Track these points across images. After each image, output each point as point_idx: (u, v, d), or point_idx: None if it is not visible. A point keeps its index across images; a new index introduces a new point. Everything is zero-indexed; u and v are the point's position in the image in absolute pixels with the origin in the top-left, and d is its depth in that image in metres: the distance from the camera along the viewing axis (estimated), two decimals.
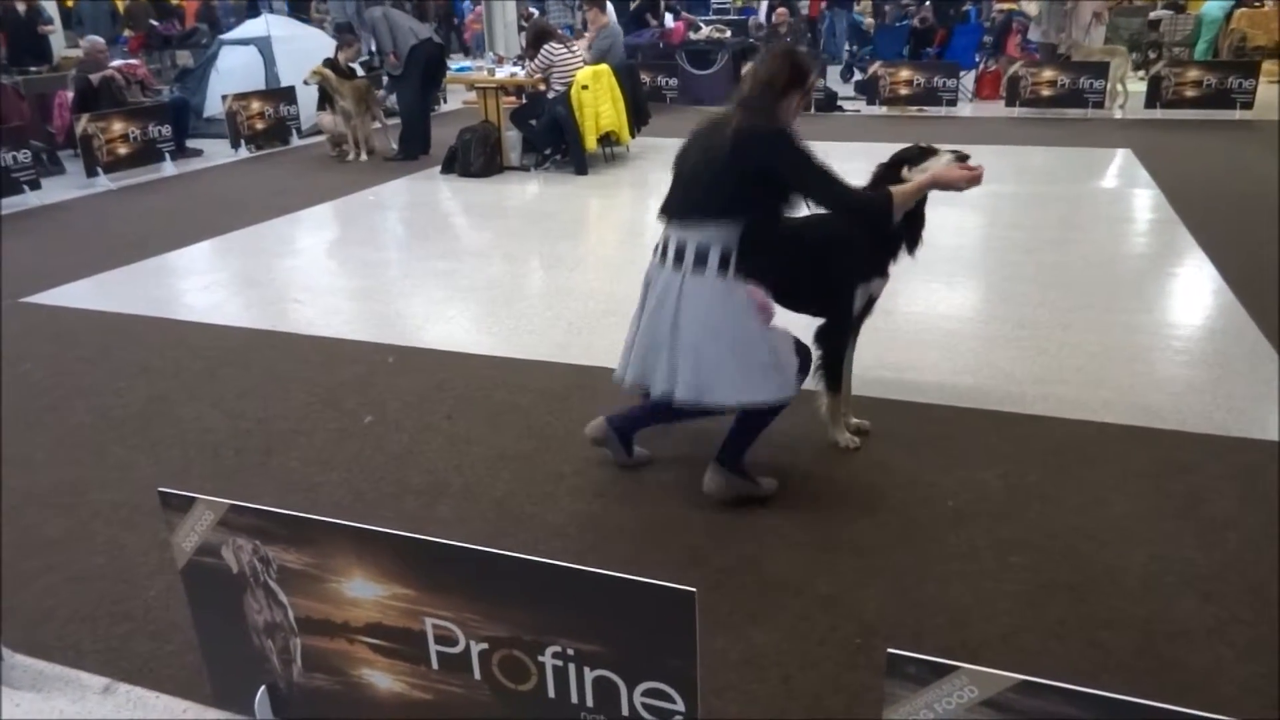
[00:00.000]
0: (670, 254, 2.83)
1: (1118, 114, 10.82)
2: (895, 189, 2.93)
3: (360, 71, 9.46)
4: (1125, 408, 3.59)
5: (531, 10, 21.88)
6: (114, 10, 14.96)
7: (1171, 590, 2.52)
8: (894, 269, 3.23)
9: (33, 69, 9.89)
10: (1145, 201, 6.90)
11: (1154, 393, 3.73)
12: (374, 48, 9.81)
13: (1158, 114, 10.61)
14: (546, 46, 8.05)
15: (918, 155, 3.06)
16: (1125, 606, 2.47)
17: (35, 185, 7.67)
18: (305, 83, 8.96)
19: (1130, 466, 3.17)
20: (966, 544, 2.76)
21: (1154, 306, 4.77)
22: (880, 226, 2.93)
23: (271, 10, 14.86)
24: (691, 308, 2.77)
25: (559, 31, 8.59)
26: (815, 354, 3.26)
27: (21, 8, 9.99)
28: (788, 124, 2.83)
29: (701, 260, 2.76)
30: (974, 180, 2.90)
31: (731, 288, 2.78)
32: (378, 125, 9.63)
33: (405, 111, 9.10)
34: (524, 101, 8.68)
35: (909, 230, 3.14)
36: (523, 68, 8.88)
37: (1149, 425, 3.44)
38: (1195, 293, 4.93)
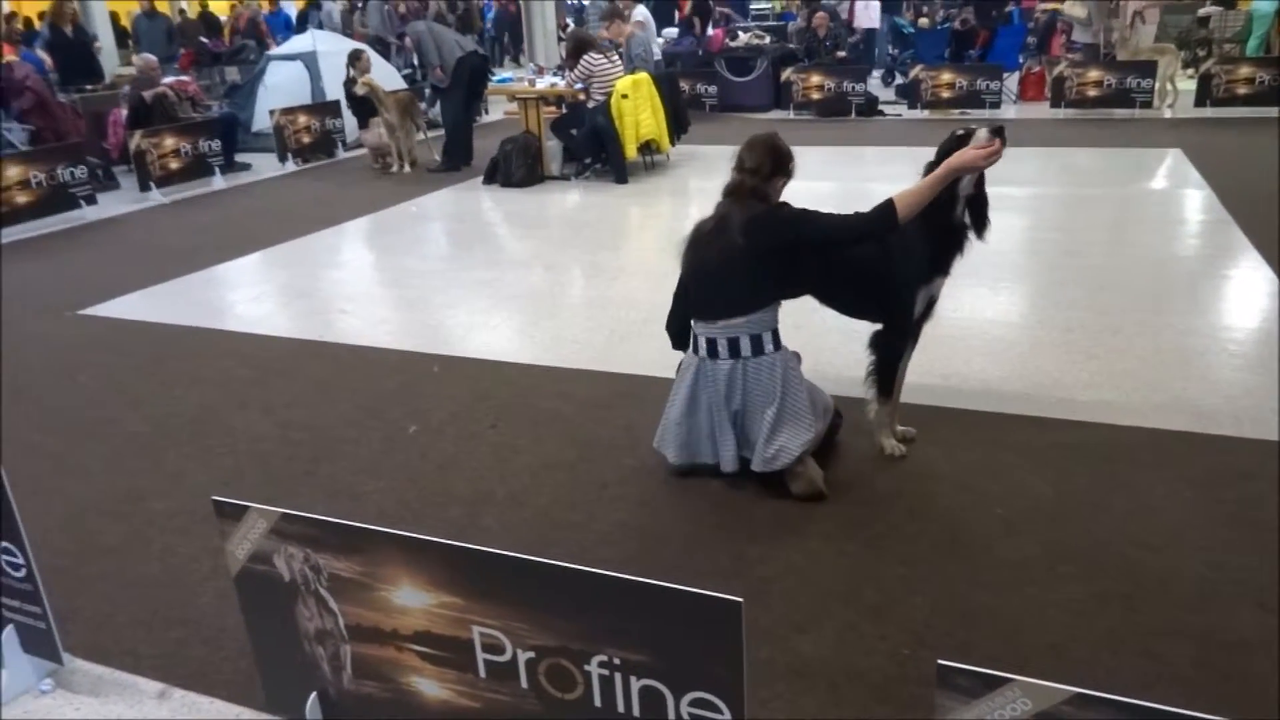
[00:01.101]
0: (723, 349, 3.00)
1: (1167, 113, 10.61)
2: (902, 191, 2.93)
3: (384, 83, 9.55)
4: (1178, 413, 3.51)
5: (568, 20, 22.07)
6: (170, 29, 15.33)
7: (1227, 599, 2.46)
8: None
9: (87, 87, 10.15)
10: (1197, 202, 6.76)
11: (1208, 397, 3.64)
12: (415, 60, 9.89)
13: (1208, 112, 10.39)
14: (586, 57, 8.10)
15: (956, 144, 3.02)
16: (1180, 616, 2.41)
17: (91, 200, 7.88)
18: (356, 92, 9.11)
19: (1184, 473, 3.10)
20: (1016, 552, 2.72)
21: (1207, 309, 4.66)
22: (888, 232, 2.95)
23: (320, 26, 15.13)
24: (758, 385, 3.01)
25: (598, 42, 8.64)
26: (869, 360, 3.26)
27: (68, 29, 10.26)
28: (775, 200, 3.06)
29: (759, 347, 2.99)
30: (992, 156, 2.86)
31: (786, 357, 3.05)
32: (420, 137, 9.75)
33: (449, 123, 9.20)
34: (564, 111, 8.74)
35: (974, 217, 3.11)
36: (563, 78, 8.94)
37: (1203, 430, 3.37)
38: (1250, 294, 4.82)
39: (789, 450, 2.97)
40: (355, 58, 9.35)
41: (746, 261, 2.95)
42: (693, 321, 3.12)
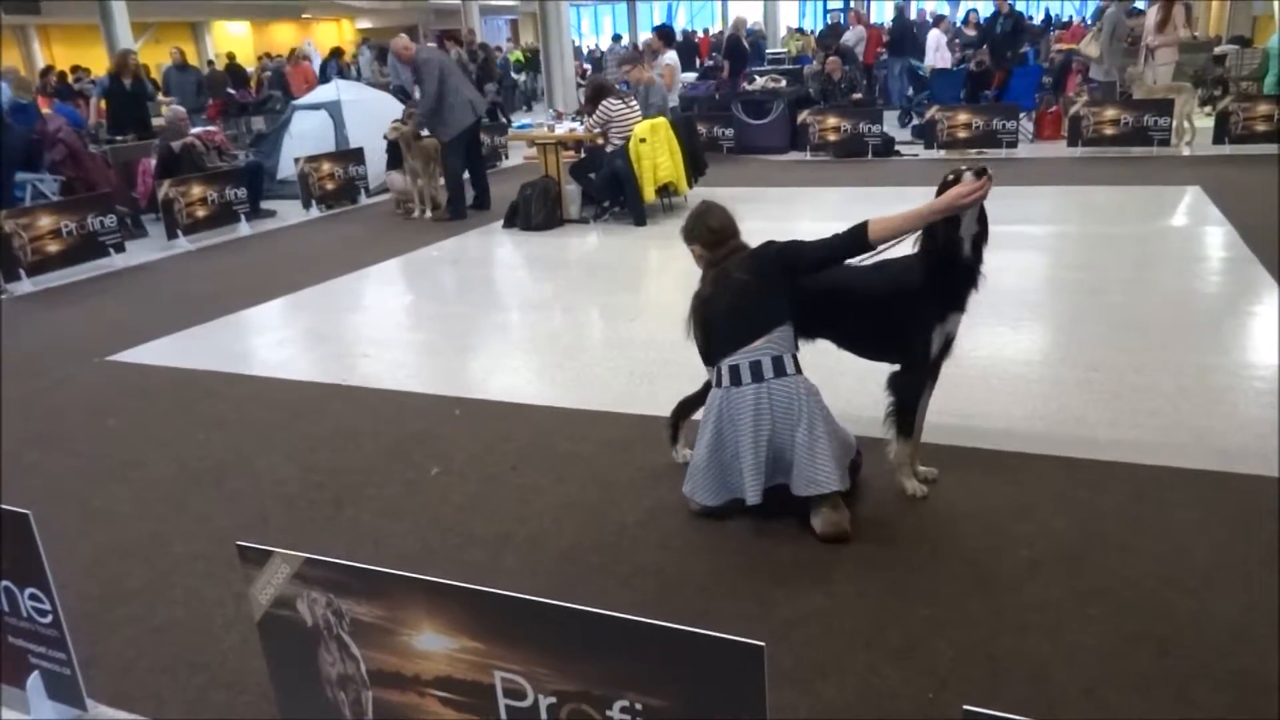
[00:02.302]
0: (746, 374, 3.03)
1: (1185, 151, 10.60)
2: (881, 216, 3.02)
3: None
4: (1204, 452, 3.47)
5: (585, 66, 22.44)
6: (199, 81, 15.70)
7: (1262, 641, 2.42)
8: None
9: (118, 137, 10.37)
10: (1217, 239, 6.73)
11: (1234, 435, 3.60)
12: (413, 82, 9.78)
13: (1227, 149, 10.37)
14: (605, 102, 8.22)
15: (952, 185, 3.08)
16: (1213, 659, 2.37)
17: (120, 248, 8.03)
18: (385, 137, 9.29)
19: (1212, 512, 3.06)
20: (1043, 594, 2.68)
21: (1231, 347, 4.62)
22: (861, 251, 3.06)
23: (341, 75, 15.46)
24: (784, 410, 3.01)
25: (616, 87, 8.77)
26: (887, 400, 3.25)
27: (128, 81, 10.50)
28: None
29: (780, 368, 3.02)
30: (976, 193, 2.90)
31: (808, 383, 3.07)
32: (442, 182, 9.88)
33: (451, 176, 9.27)
34: (583, 156, 8.85)
35: (974, 248, 3.12)
36: (581, 123, 9.07)
37: (1230, 469, 3.32)
38: (1274, 331, 4.77)
39: (832, 476, 2.95)
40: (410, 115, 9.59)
41: (755, 290, 3.08)
42: (716, 362, 3.14)
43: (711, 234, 3.27)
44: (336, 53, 20.07)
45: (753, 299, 3.09)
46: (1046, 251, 6.61)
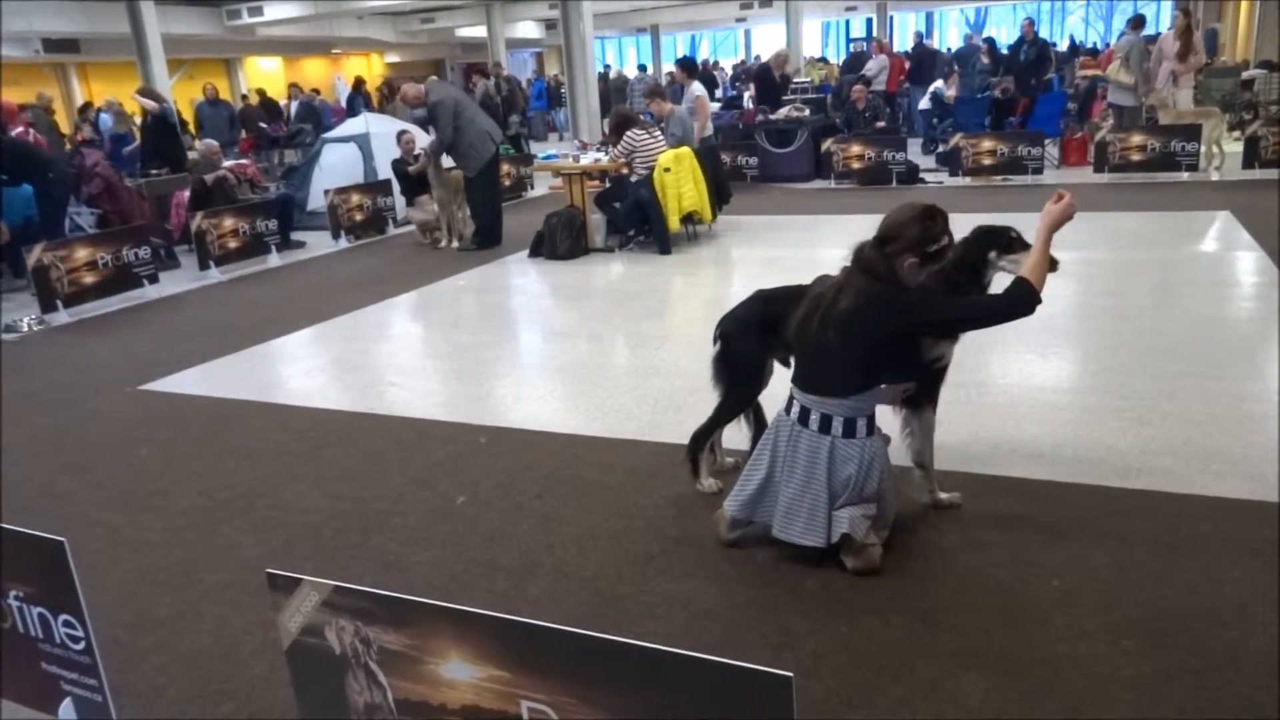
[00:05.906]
0: (815, 421, 2.94)
1: (1214, 176, 10.52)
2: (1026, 270, 2.83)
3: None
4: (1238, 480, 3.42)
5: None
6: (232, 116, 16.04)
7: None
8: (985, 341, 3.19)
9: (153, 171, 10.57)
10: (1248, 264, 6.65)
11: (1268, 464, 3.54)
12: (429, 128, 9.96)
13: (1257, 174, 10.26)
14: (629, 133, 8.30)
15: (1005, 238, 3.11)
16: (1251, 693, 2.32)
17: (154, 279, 8.17)
18: (409, 169, 9.49)
19: (1247, 543, 3.00)
20: (1075, 626, 2.64)
21: (1264, 373, 4.55)
22: (1028, 311, 2.79)
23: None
24: (843, 470, 2.92)
25: (640, 118, 8.85)
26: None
27: (156, 106, 10.72)
28: (908, 282, 2.87)
29: (851, 430, 2.92)
30: (1071, 206, 2.88)
31: (877, 444, 2.95)
32: (465, 213, 10.00)
33: (476, 209, 9.34)
34: (607, 185, 8.92)
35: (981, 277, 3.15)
36: (606, 153, 9.15)
37: (1265, 499, 3.26)
38: None
39: (857, 523, 2.91)
40: (402, 137, 9.71)
41: (851, 346, 2.86)
42: (791, 384, 3.07)
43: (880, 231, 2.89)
44: (359, 83, 20.49)
45: (846, 358, 2.86)
46: (1074, 278, 6.55)
